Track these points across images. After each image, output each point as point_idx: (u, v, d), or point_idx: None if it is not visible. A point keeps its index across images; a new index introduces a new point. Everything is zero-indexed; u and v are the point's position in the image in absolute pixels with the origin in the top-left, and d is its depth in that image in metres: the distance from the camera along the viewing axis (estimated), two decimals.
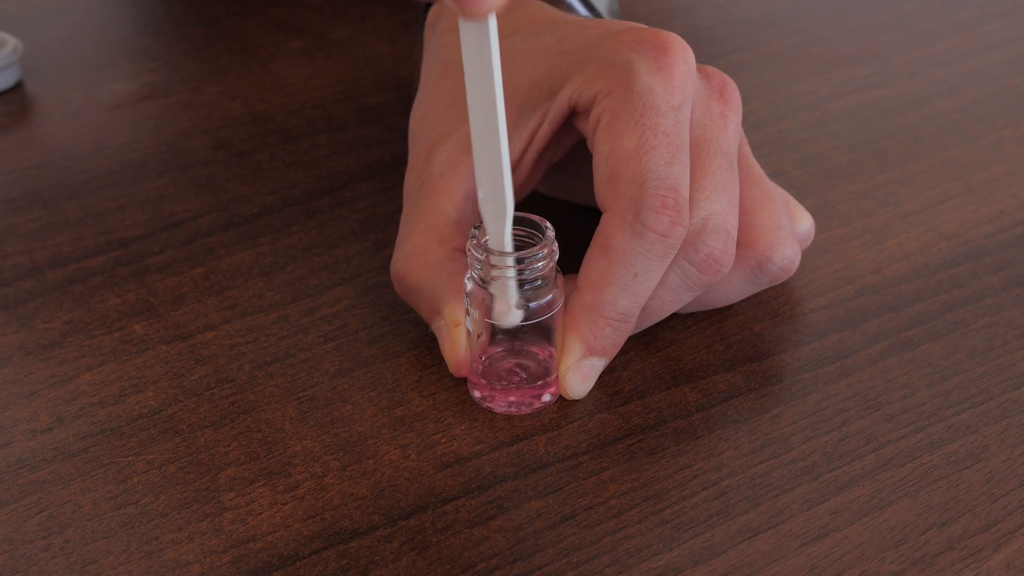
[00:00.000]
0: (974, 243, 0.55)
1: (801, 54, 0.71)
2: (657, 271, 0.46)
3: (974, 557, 0.41)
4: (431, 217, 0.49)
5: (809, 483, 0.44)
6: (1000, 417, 0.47)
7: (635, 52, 0.47)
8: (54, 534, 0.42)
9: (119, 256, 0.55)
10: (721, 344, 0.50)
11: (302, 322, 0.51)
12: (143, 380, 0.48)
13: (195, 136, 0.64)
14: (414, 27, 0.70)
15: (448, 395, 0.48)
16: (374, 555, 0.42)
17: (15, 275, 0.54)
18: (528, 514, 0.43)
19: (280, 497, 0.44)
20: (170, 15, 0.77)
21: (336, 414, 0.47)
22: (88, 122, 0.65)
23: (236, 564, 0.41)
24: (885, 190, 0.59)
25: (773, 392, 0.48)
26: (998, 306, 0.52)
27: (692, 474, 0.45)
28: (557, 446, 0.46)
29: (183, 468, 0.45)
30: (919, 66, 0.70)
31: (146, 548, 0.42)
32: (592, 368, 0.47)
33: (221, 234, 0.56)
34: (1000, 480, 0.44)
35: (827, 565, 0.41)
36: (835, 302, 0.52)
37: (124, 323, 0.51)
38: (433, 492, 0.44)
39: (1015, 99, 0.66)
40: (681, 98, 0.46)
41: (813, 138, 0.63)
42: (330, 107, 0.66)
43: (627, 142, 0.46)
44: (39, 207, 0.58)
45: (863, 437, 0.46)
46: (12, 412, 0.47)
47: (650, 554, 0.42)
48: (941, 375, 0.48)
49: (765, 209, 0.49)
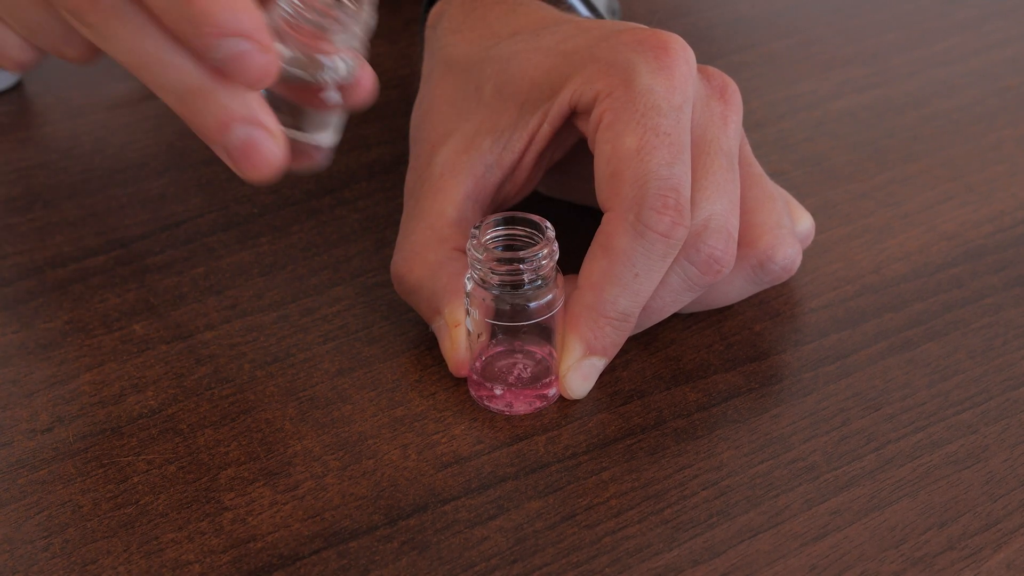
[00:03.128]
0: (974, 243, 0.55)
1: (801, 54, 0.71)
2: (658, 271, 0.46)
3: (974, 557, 0.41)
4: (431, 217, 0.49)
5: (809, 483, 0.44)
6: (1000, 417, 0.47)
7: (636, 52, 0.47)
8: (54, 534, 0.42)
9: (119, 256, 0.55)
10: (721, 344, 0.50)
11: (302, 322, 0.51)
12: (143, 380, 0.48)
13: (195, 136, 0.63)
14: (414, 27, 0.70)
15: (448, 395, 0.48)
16: (374, 555, 0.42)
17: (15, 275, 0.54)
18: (528, 514, 0.43)
19: (280, 497, 0.44)
20: None
21: (336, 414, 0.47)
22: (88, 122, 0.65)
23: (236, 564, 0.41)
24: (885, 190, 0.59)
25: (773, 392, 0.48)
26: (998, 306, 0.52)
27: (692, 474, 0.45)
28: (557, 446, 0.46)
29: (183, 468, 0.45)
30: (919, 66, 0.70)
31: (146, 548, 0.42)
32: (592, 368, 0.47)
33: (221, 234, 0.56)
34: (1000, 480, 0.44)
35: (827, 565, 0.41)
36: (835, 302, 0.52)
37: (124, 323, 0.51)
38: (433, 492, 0.44)
39: (1015, 99, 0.66)
40: (682, 98, 0.46)
41: (813, 138, 0.63)
42: None
43: (628, 142, 0.46)
44: (39, 207, 0.58)
45: (863, 437, 0.46)
46: (12, 412, 0.47)
47: (650, 554, 0.42)
48: (941, 375, 0.49)
49: (766, 209, 0.49)
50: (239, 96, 0.40)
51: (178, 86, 0.39)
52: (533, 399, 0.47)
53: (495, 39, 0.51)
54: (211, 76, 0.39)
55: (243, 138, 0.40)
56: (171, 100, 0.40)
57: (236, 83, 0.39)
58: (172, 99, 0.40)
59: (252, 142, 0.40)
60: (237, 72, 0.38)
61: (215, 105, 0.40)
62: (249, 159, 0.40)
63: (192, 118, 0.40)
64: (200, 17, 0.37)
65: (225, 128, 0.40)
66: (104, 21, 0.39)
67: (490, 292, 0.45)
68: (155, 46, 0.39)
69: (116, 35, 0.39)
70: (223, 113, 0.40)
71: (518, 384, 0.47)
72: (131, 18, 0.39)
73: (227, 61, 0.38)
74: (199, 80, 0.39)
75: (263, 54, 0.38)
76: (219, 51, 0.38)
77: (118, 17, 0.39)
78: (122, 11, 0.39)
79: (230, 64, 0.38)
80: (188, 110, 0.40)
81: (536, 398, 0.47)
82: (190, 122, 0.40)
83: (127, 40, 0.39)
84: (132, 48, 0.39)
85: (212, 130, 0.40)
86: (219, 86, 0.39)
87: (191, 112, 0.40)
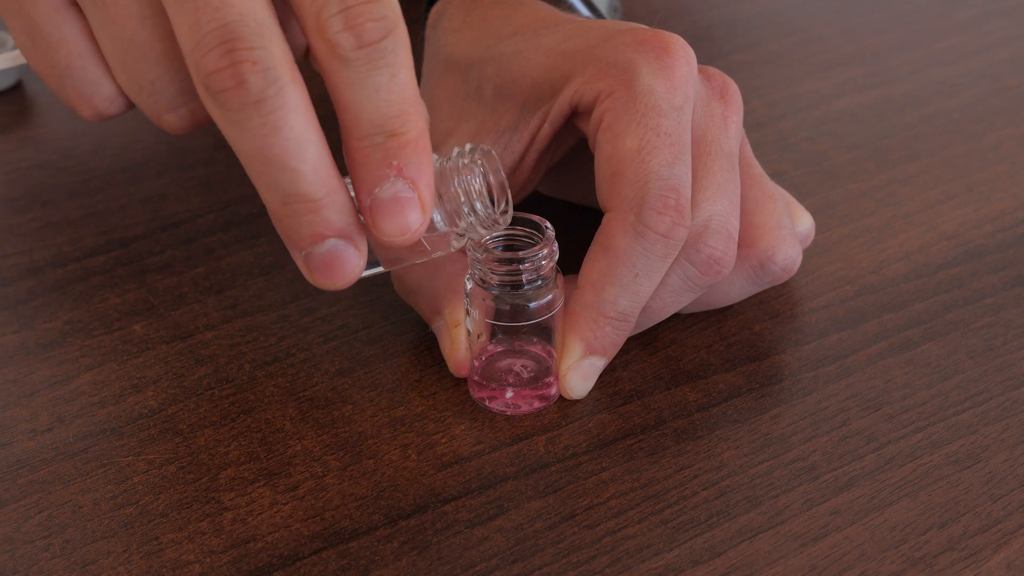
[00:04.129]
0: (974, 243, 0.55)
1: (801, 54, 0.71)
2: (658, 272, 0.46)
3: (974, 557, 0.41)
4: None
5: (809, 483, 0.44)
6: (1000, 417, 0.47)
7: (637, 53, 0.47)
8: (54, 534, 0.42)
9: (119, 256, 0.55)
10: (721, 344, 0.50)
11: (302, 322, 0.51)
12: (143, 380, 0.48)
13: (195, 136, 0.64)
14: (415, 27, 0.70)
15: (448, 395, 0.48)
16: (374, 555, 0.42)
17: (15, 275, 0.54)
18: (528, 514, 0.43)
19: (280, 497, 0.44)
20: None
21: (336, 414, 0.47)
22: (88, 122, 0.65)
23: (236, 564, 0.41)
24: (885, 190, 0.59)
25: (773, 392, 0.48)
26: (998, 306, 0.52)
27: (692, 474, 0.45)
28: (557, 446, 0.46)
29: (183, 468, 0.45)
30: (919, 66, 0.70)
31: (146, 548, 0.42)
32: (592, 367, 0.47)
33: (221, 234, 0.56)
34: (1000, 480, 0.44)
35: (827, 565, 0.41)
36: (835, 302, 0.52)
37: (124, 323, 0.51)
38: (433, 492, 0.44)
39: (1015, 99, 0.66)
40: (683, 99, 0.46)
41: (813, 138, 0.63)
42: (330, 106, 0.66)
43: (629, 143, 0.46)
44: (39, 207, 0.58)
45: (863, 437, 0.46)
46: (12, 412, 0.47)
47: (650, 554, 0.42)
48: (941, 375, 0.48)
49: (766, 209, 0.49)
50: (346, 211, 0.37)
51: (291, 192, 0.37)
52: (533, 399, 0.47)
53: (495, 39, 0.51)
54: (328, 189, 0.36)
55: (330, 250, 0.38)
56: (272, 199, 0.37)
57: (378, 229, 0.37)
58: (274, 199, 0.37)
59: (337, 255, 0.38)
60: (388, 217, 0.36)
61: (318, 217, 0.37)
62: (329, 271, 0.38)
63: (287, 222, 0.37)
64: (397, 151, 0.36)
65: (317, 239, 0.37)
66: (244, 110, 0.35)
67: (490, 292, 0.45)
68: (286, 149, 0.36)
69: (250, 127, 0.36)
70: (323, 226, 0.37)
71: (518, 384, 0.47)
72: (282, 117, 0.36)
73: (386, 204, 0.36)
74: (317, 193, 0.37)
75: (421, 212, 0.37)
76: (385, 191, 0.36)
77: (264, 112, 0.35)
78: (274, 107, 0.35)
79: (386, 207, 0.36)
80: (287, 214, 0.37)
81: (536, 398, 0.47)
82: (281, 224, 0.37)
83: (260, 137, 0.36)
84: (261, 144, 0.36)
85: (303, 239, 0.38)
86: (333, 200, 0.37)
87: (289, 217, 0.37)
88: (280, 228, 0.38)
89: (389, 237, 0.38)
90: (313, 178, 0.37)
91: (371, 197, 0.38)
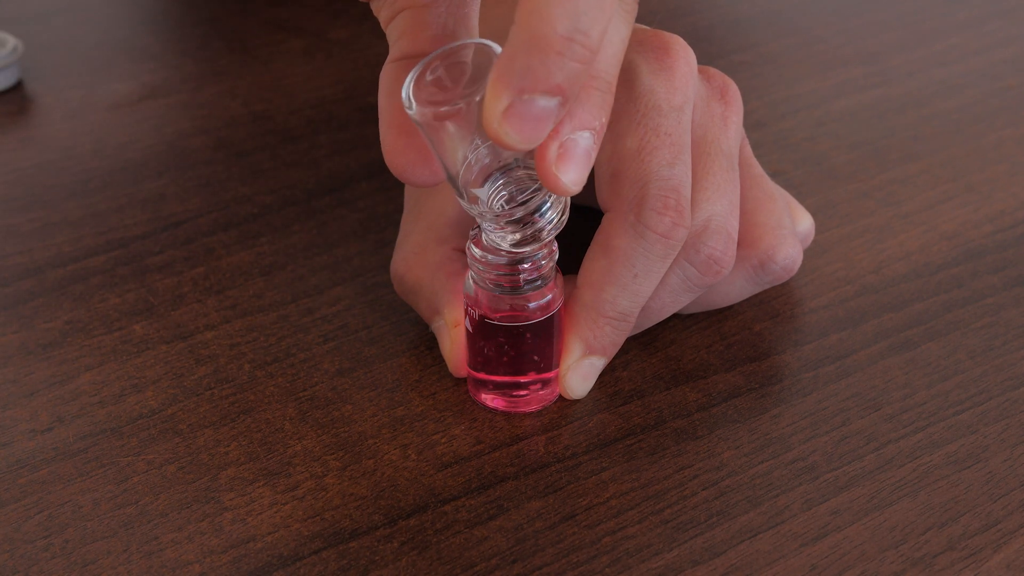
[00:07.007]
0: (974, 243, 0.55)
1: (801, 54, 0.71)
2: (658, 272, 0.46)
3: (974, 557, 0.41)
4: (431, 217, 0.49)
5: (809, 483, 0.44)
6: (1000, 417, 0.47)
7: (637, 53, 0.47)
8: (54, 534, 0.42)
9: (119, 256, 0.55)
10: (721, 344, 0.50)
11: (302, 322, 0.51)
12: (143, 380, 0.48)
13: (195, 136, 0.64)
14: None
15: (448, 395, 0.48)
16: (374, 555, 0.42)
17: (15, 275, 0.54)
18: (528, 514, 0.43)
19: (280, 497, 0.44)
20: (170, 15, 0.77)
21: (336, 414, 0.47)
22: (88, 122, 0.65)
23: (236, 564, 0.41)
24: (885, 190, 0.59)
25: (773, 392, 0.48)
26: (998, 306, 0.52)
27: (692, 474, 0.45)
28: (557, 446, 0.46)
29: (183, 468, 0.45)
30: (919, 66, 0.70)
31: (146, 548, 0.42)
32: (592, 367, 0.47)
33: (221, 234, 0.56)
34: (1000, 480, 0.44)
35: (827, 565, 0.41)
36: (835, 302, 0.52)
37: (124, 323, 0.51)
38: (433, 492, 0.44)
39: (1015, 99, 0.66)
40: (683, 99, 0.46)
41: (813, 138, 0.63)
42: (330, 107, 0.66)
43: (629, 143, 0.46)
44: (39, 207, 0.58)
45: (863, 437, 0.46)
46: (12, 412, 0.47)
47: (650, 554, 0.42)
48: (941, 375, 0.48)
49: (766, 209, 0.49)
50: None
51: (575, 29, 0.35)
52: (532, 399, 0.47)
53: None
54: None
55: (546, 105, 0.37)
56: (562, 26, 0.35)
57: None
58: (564, 26, 0.35)
59: (549, 113, 0.37)
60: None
61: (572, 70, 0.36)
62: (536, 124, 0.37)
63: (553, 59, 0.36)
64: None
65: (553, 91, 0.36)
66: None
67: (490, 292, 0.45)
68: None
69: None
70: (566, 80, 0.36)
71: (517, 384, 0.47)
72: None
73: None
74: (596, 43, 0.36)
75: None
76: None
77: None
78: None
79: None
80: (561, 50, 0.36)
81: (536, 398, 0.47)
82: (534, 59, 0.36)
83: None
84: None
85: (538, 83, 0.36)
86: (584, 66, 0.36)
87: (559, 55, 0.36)
88: (529, 62, 0.36)
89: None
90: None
91: None
